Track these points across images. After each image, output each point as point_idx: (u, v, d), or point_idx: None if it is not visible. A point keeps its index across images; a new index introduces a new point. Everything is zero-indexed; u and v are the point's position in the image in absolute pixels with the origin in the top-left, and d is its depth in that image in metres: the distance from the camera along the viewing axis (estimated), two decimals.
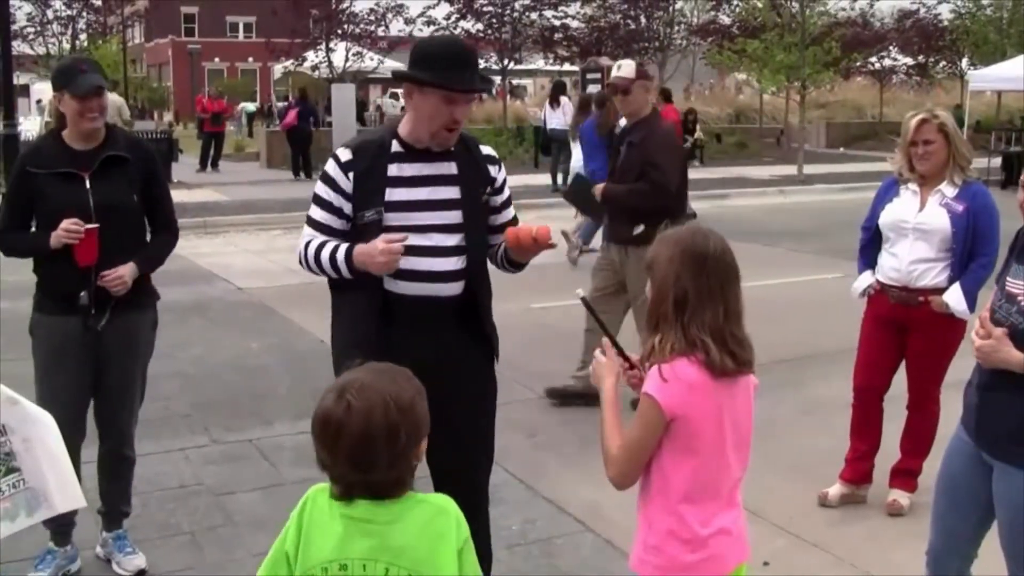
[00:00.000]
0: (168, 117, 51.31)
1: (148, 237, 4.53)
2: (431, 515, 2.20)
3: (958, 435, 3.45)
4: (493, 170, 3.72)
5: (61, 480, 3.64)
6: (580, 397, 6.74)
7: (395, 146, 3.58)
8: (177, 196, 18.83)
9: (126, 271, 4.27)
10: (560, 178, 20.13)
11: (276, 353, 8.44)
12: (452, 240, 3.58)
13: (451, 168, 3.60)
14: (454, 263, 3.59)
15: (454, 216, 3.58)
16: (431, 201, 3.55)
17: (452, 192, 3.59)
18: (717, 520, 2.70)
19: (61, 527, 4.56)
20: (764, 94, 31.85)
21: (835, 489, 5.39)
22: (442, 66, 3.45)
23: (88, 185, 4.23)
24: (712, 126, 32.76)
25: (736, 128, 33.96)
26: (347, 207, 3.57)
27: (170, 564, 4.65)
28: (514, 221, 3.80)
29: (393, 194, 3.53)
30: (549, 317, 9.33)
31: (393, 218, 3.52)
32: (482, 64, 33.07)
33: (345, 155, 3.59)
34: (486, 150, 3.74)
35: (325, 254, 3.55)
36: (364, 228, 3.52)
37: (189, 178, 23.09)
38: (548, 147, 21.36)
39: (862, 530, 5.05)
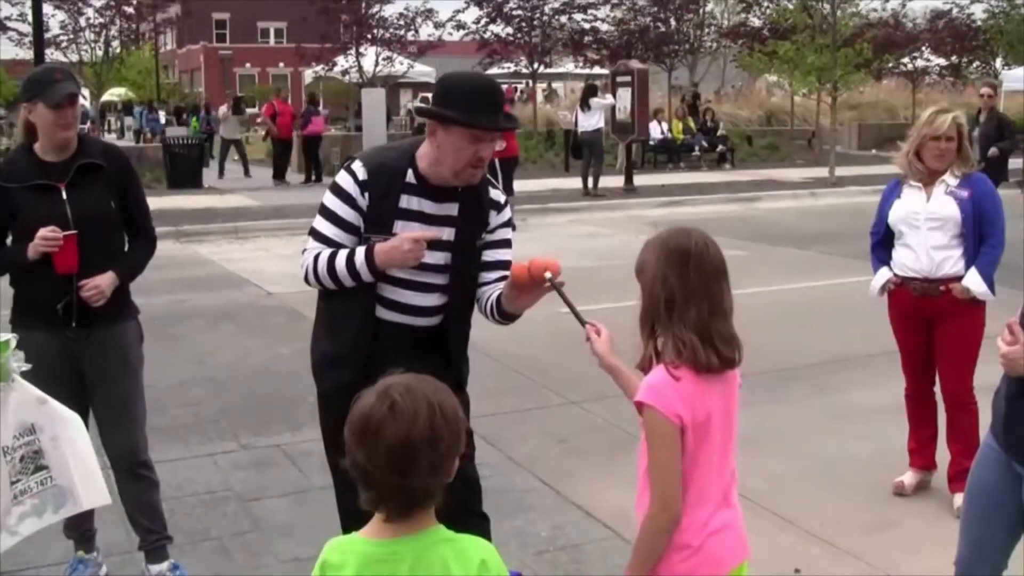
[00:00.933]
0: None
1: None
2: (449, 558, 2.13)
3: (987, 443, 3.40)
4: (492, 215, 3.69)
5: (87, 477, 3.71)
6: None
7: (410, 176, 3.54)
8: (208, 201, 19.07)
9: (104, 281, 4.17)
10: (590, 182, 20.13)
11: (306, 359, 8.35)
12: (438, 279, 3.60)
13: (453, 210, 3.58)
14: (436, 299, 3.62)
15: (443, 257, 3.58)
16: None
17: (448, 234, 3.58)
18: (713, 522, 2.68)
19: (85, 534, 4.57)
20: (795, 96, 31.65)
21: (909, 477, 5.46)
22: (468, 104, 3.40)
23: (64, 196, 4.15)
24: (743, 128, 32.63)
25: (767, 131, 33.78)
26: (362, 226, 3.55)
27: (198, 570, 4.64)
28: (505, 265, 3.69)
29: (397, 227, 3.51)
30: (577, 323, 9.23)
31: None
32: (512, 68, 33.07)
33: (362, 174, 3.54)
34: (494, 195, 3.71)
35: (341, 260, 3.52)
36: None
37: (220, 184, 23.24)
38: (579, 150, 21.35)
39: (896, 538, 4.98)
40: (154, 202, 4.84)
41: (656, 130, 26.41)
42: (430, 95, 3.77)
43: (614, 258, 12.71)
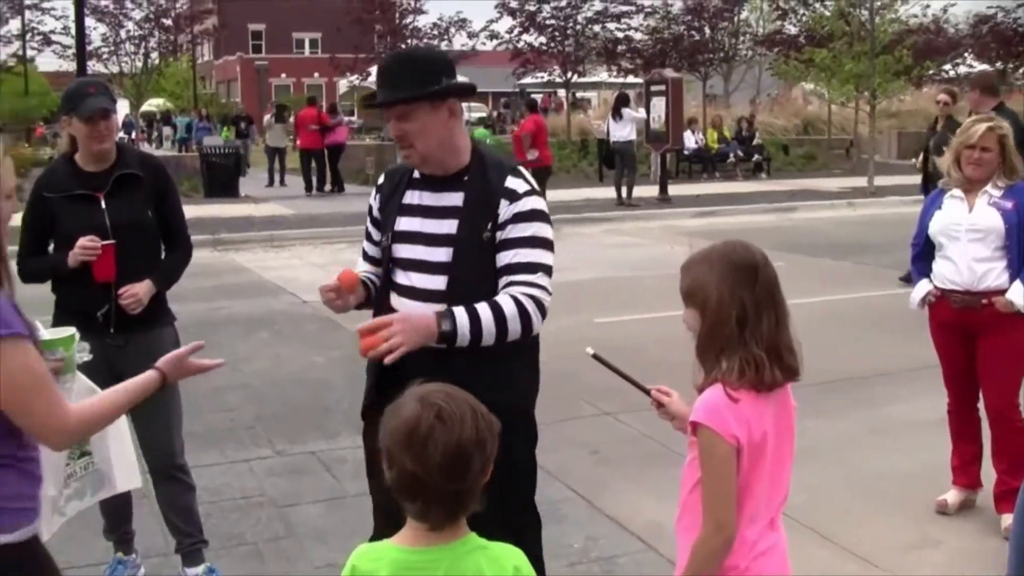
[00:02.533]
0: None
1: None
2: (484, 564, 2.12)
3: None
4: (503, 205, 3.18)
5: (124, 462, 3.81)
6: None
7: (416, 172, 3.36)
8: (244, 210, 19.15)
9: (141, 289, 4.25)
10: (624, 191, 20.08)
11: (340, 367, 8.45)
12: (437, 283, 3.22)
13: (456, 199, 3.24)
14: (437, 307, 3.14)
15: (445, 254, 3.22)
16: (422, 234, 3.26)
17: (451, 227, 3.23)
18: (760, 543, 2.64)
19: (124, 535, 4.65)
20: (832, 105, 31.42)
21: (952, 496, 5.34)
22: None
23: (103, 205, 4.24)
24: (779, 138, 32.44)
25: (804, 140, 33.55)
26: (376, 233, 3.48)
27: (233, 574, 4.67)
28: (513, 269, 3.17)
29: (400, 223, 3.32)
30: (611, 333, 9.24)
31: (396, 249, 3.32)
32: (545, 77, 32.85)
33: (381, 179, 3.52)
34: (512, 183, 3.21)
35: None
36: (382, 254, 3.40)
37: (256, 192, 23.37)
38: (612, 160, 21.29)
39: (937, 557, 4.89)
40: (191, 210, 4.89)
41: (691, 139, 26.35)
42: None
43: (648, 268, 12.68)
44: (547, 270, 3.21)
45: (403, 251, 3.28)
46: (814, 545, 4.93)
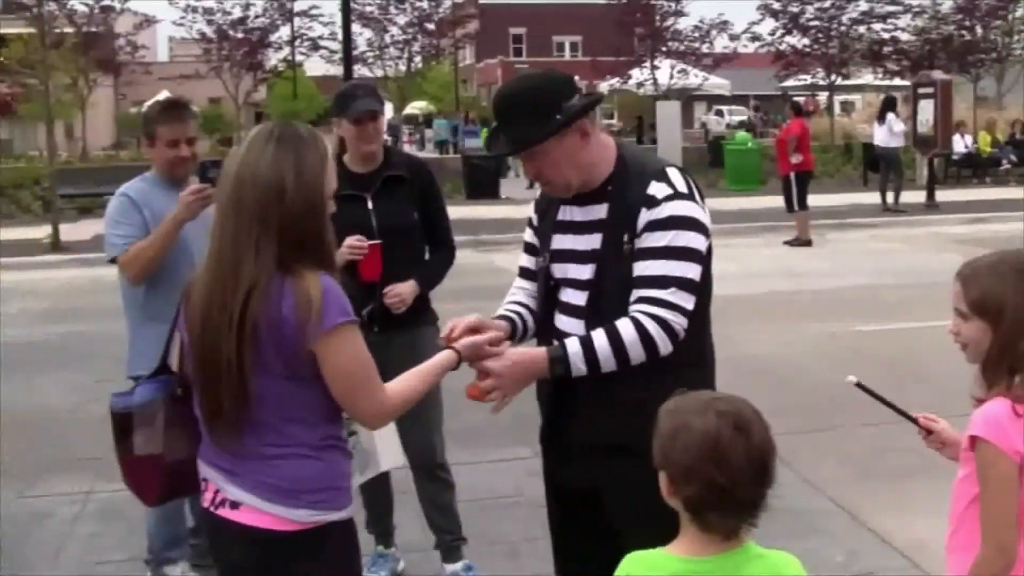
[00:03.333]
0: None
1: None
2: (762, 573, 2.11)
3: None
4: (642, 213, 2.92)
5: (387, 441, 3.85)
6: None
7: None
8: (504, 212, 19.51)
9: (405, 289, 4.32)
10: (890, 197, 19.35)
11: None
12: (581, 299, 3.07)
13: (601, 212, 3.03)
14: (577, 326, 3.03)
15: (589, 271, 3.04)
16: (574, 252, 3.09)
17: (596, 241, 3.03)
18: None
19: (386, 529, 4.78)
20: None
21: None
22: None
23: (370, 206, 4.34)
24: None
25: None
26: (538, 247, 3.29)
27: (490, 572, 4.76)
28: (642, 283, 2.92)
29: (554, 241, 3.15)
30: (875, 342, 8.89)
31: (553, 269, 3.17)
32: (808, 80, 32.00)
33: (538, 194, 3.36)
34: (653, 189, 2.93)
35: None
36: (541, 274, 3.27)
37: (516, 194, 23.87)
38: (876, 164, 20.56)
39: None
40: (452, 212, 5.01)
41: (959, 143, 25.07)
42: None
43: (912, 276, 12.18)
44: (683, 283, 2.90)
45: (558, 271, 3.15)
46: None
